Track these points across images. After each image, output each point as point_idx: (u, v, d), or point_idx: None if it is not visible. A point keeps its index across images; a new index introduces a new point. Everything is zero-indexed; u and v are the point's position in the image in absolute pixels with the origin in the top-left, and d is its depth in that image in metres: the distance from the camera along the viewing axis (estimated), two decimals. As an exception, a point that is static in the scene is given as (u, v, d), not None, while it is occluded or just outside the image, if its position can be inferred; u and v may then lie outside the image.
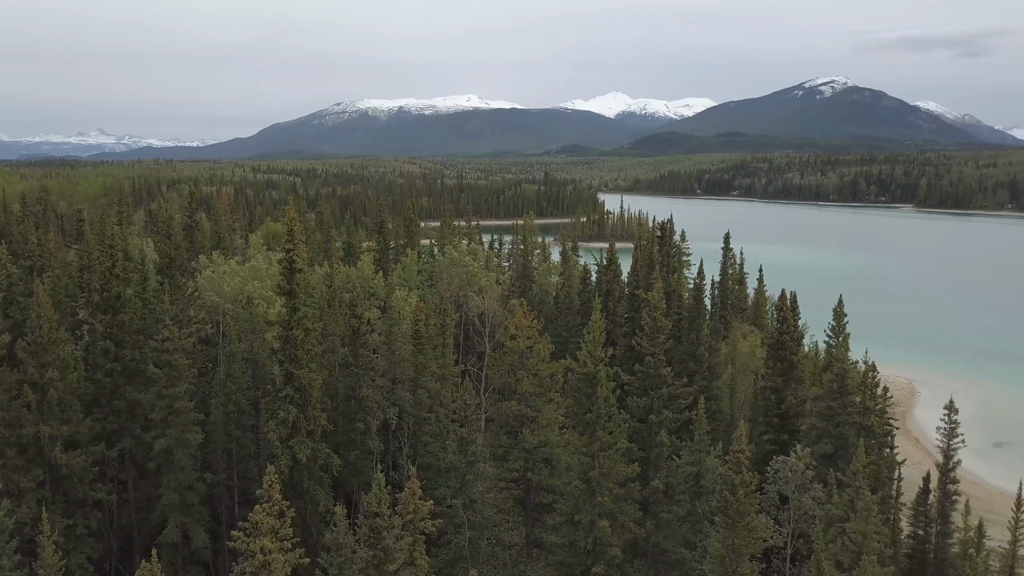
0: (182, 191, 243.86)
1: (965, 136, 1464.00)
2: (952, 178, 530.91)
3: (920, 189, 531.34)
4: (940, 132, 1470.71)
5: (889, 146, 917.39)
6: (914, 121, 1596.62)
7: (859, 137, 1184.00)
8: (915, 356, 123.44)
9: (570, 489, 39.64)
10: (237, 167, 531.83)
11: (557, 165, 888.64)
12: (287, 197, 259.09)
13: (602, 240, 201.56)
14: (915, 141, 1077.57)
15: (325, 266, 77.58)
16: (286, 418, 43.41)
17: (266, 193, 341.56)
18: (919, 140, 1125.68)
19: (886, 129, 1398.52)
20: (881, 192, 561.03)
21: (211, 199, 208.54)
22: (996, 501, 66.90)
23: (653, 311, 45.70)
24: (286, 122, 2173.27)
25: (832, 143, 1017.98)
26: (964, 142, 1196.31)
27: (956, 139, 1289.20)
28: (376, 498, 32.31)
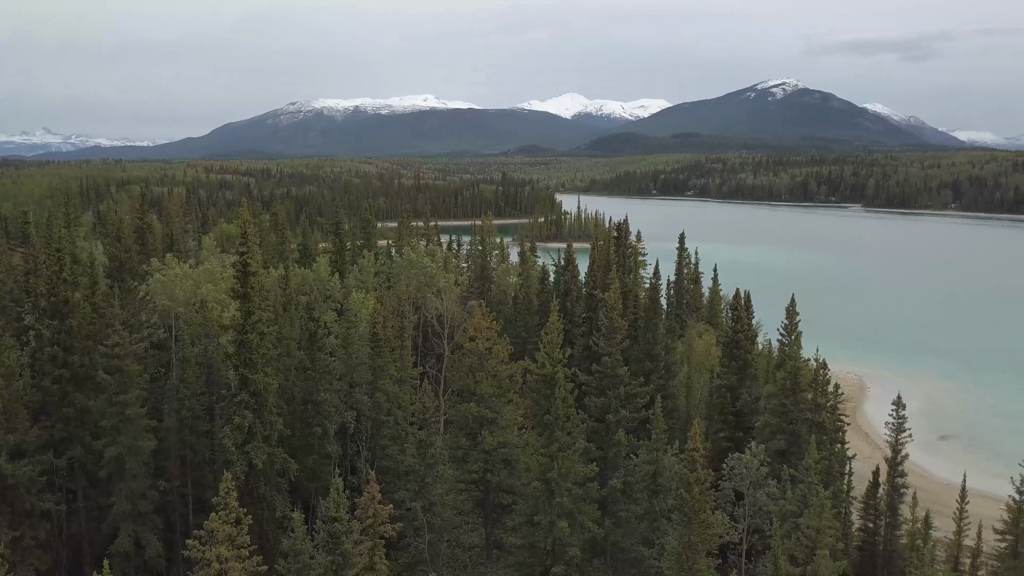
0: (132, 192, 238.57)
1: (911, 137, 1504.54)
2: (899, 179, 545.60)
3: (868, 189, 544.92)
4: (887, 133, 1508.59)
5: (838, 147, 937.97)
6: (862, 123, 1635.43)
7: (810, 138, 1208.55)
8: (864, 353, 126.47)
9: (529, 490, 39.82)
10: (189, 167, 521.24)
11: (515, 165, 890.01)
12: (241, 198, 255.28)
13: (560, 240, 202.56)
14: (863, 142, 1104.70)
15: (280, 268, 76.63)
16: (241, 423, 42.83)
17: (219, 194, 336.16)
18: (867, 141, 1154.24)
19: (835, 130, 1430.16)
20: (831, 192, 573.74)
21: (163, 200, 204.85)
22: (942, 493, 68.89)
23: (610, 312, 46.13)
24: (239, 121, 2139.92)
25: (784, 144, 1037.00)
26: (910, 143, 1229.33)
27: (902, 140, 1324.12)
28: (334, 503, 32.09)
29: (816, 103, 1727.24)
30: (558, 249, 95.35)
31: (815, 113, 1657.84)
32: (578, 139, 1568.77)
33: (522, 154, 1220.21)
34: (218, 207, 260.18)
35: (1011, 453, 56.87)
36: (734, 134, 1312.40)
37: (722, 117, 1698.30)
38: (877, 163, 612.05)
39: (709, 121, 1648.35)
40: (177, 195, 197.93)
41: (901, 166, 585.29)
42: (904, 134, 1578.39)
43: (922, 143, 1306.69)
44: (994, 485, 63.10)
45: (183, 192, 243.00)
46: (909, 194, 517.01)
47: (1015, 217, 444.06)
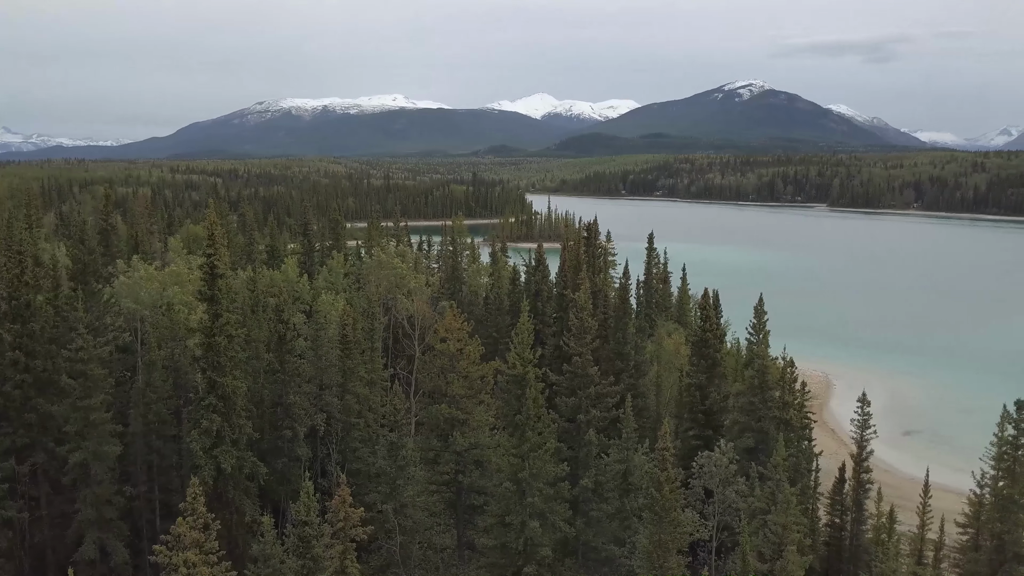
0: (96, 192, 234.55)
1: (874, 138, 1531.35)
2: (863, 179, 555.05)
3: (833, 189, 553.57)
4: (851, 134, 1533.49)
5: (804, 147, 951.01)
6: (827, 124, 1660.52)
7: (776, 139, 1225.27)
8: (830, 350, 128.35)
9: (501, 491, 39.85)
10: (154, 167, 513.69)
11: (485, 165, 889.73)
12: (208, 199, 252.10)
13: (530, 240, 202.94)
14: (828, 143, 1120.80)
15: (248, 270, 75.83)
16: (209, 427, 42.34)
17: (186, 194, 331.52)
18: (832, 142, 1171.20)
19: (801, 131, 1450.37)
20: (797, 192, 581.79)
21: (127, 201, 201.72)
22: (906, 487, 70.12)
23: (580, 312, 46.33)
24: (206, 121, 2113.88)
25: (751, 144, 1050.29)
26: (873, 144, 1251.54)
27: (866, 141, 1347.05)
28: (304, 506, 31.86)
29: (782, 104, 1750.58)
30: (529, 249, 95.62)
31: (781, 114, 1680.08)
32: (548, 139, 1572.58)
33: (492, 154, 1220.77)
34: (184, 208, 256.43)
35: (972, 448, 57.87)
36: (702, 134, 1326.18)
37: (690, 117, 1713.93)
38: (842, 163, 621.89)
39: (677, 121, 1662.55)
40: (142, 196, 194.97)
41: (865, 166, 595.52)
42: (867, 135, 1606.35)
43: (885, 143, 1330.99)
44: (956, 479, 64.39)
45: (148, 193, 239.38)
46: (873, 194, 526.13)
47: (975, 216, 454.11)
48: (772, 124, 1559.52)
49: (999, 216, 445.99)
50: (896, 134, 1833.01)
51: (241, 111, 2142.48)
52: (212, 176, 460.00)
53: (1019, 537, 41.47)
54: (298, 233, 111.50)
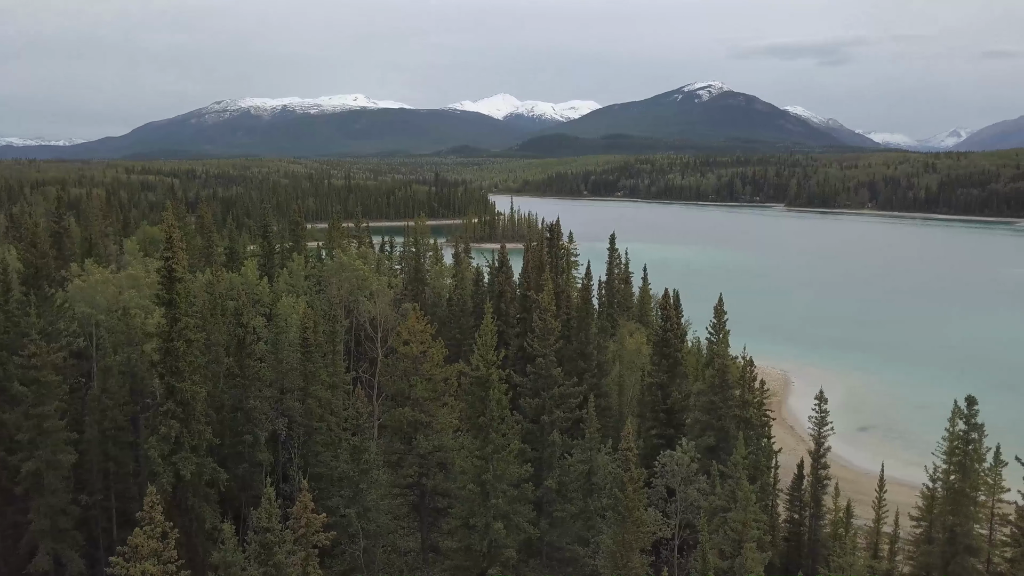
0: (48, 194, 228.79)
1: (830, 139, 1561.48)
2: (819, 179, 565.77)
3: (791, 189, 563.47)
4: (807, 135, 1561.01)
5: (762, 148, 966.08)
6: (784, 125, 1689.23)
7: (734, 139, 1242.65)
8: (789, 348, 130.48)
9: (465, 493, 39.85)
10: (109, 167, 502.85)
11: (447, 166, 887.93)
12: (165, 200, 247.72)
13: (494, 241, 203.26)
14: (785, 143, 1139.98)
15: (207, 273, 74.69)
16: (168, 433, 41.67)
17: (142, 195, 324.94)
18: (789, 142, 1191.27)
19: (759, 132, 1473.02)
20: (756, 192, 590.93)
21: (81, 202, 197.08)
22: (862, 482, 71.59)
23: (543, 313, 46.52)
24: (162, 120, 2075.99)
25: (710, 145, 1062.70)
26: (829, 145, 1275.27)
27: (822, 142, 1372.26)
28: (266, 512, 31.50)
29: (740, 105, 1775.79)
30: (492, 250, 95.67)
31: (739, 115, 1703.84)
32: (510, 140, 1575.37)
33: (455, 154, 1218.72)
34: (140, 209, 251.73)
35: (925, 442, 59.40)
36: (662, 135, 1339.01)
37: (650, 118, 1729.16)
38: (799, 164, 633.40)
39: (638, 122, 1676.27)
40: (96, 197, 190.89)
41: (821, 167, 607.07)
42: (823, 135, 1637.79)
43: (840, 144, 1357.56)
44: (910, 473, 65.95)
45: (103, 194, 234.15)
46: (829, 194, 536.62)
47: (927, 216, 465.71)
48: (731, 125, 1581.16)
49: (949, 216, 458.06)
50: (851, 135, 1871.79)
51: (199, 110, 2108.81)
52: (169, 176, 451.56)
53: (970, 529, 42.65)
54: (258, 235, 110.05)
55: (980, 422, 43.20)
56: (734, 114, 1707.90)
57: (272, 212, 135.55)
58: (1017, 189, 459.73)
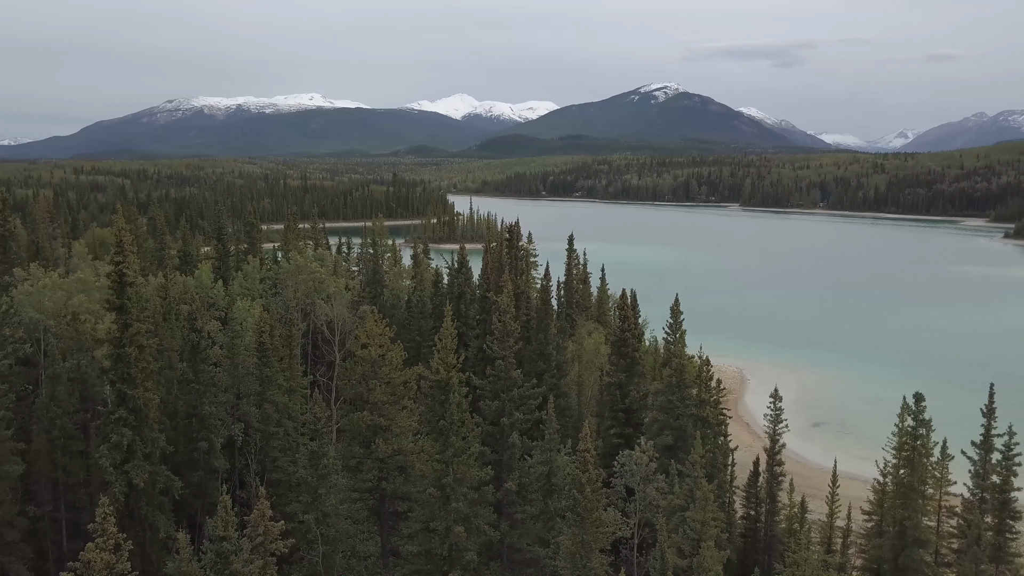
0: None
1: (782, 140, 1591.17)
2: (772, 179, 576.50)
3: (745, 189, 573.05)
4: (761, 136, 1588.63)
5: (717, 148, 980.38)
6: (738, 126, 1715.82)
7: (690, 140, 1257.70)
8: (744, 346, 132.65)
9: (425, 497, 39.70)
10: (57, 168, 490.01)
11: (405, 166, 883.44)
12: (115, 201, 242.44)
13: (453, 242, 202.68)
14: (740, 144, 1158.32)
15: (159, 276, 73.24)
16: (120, 442, 40.75)
17: (91, 196, 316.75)
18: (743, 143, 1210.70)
19: (714, 133, 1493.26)
20: (711, 192, 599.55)
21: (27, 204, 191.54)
22: (816, 477, 73.07)
23: (503, 315, 46.56)
24: (112, 120, 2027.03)
25: (666, 146, 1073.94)
26: (782, 145, 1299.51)
27: (775, 143, 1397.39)
28: (222, 520, 31.00)
29: (696, 106, 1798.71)
30: (451, 251, 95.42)
31: (695, 116, 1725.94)
32: (468, 140, 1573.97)
33: (412, 154, 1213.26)
34: (90, 210, 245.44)
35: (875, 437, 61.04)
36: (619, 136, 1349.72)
37: (607, 119, 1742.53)
38: (753, 164, 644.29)
39: (595, 123, 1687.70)
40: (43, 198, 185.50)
41: (774, 167, 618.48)
42: (776, 136, 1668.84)
43: (793, 145, 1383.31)
44: (862, 468, 67.53)
45: (50, 195, 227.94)
46: (782, 194, 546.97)
47: (876, 215, 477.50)
48: (686, 126, 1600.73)
49: (897, 215, 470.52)
50: (803, 136, 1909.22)
51: (150, 109, 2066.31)
52: (120, 177, 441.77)
53: (919, 522, 43.85)
54: (212, 236, 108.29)
55: (927, 418, 44.46)
56: (690, 115, 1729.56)
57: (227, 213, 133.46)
58: (961, 189, 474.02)
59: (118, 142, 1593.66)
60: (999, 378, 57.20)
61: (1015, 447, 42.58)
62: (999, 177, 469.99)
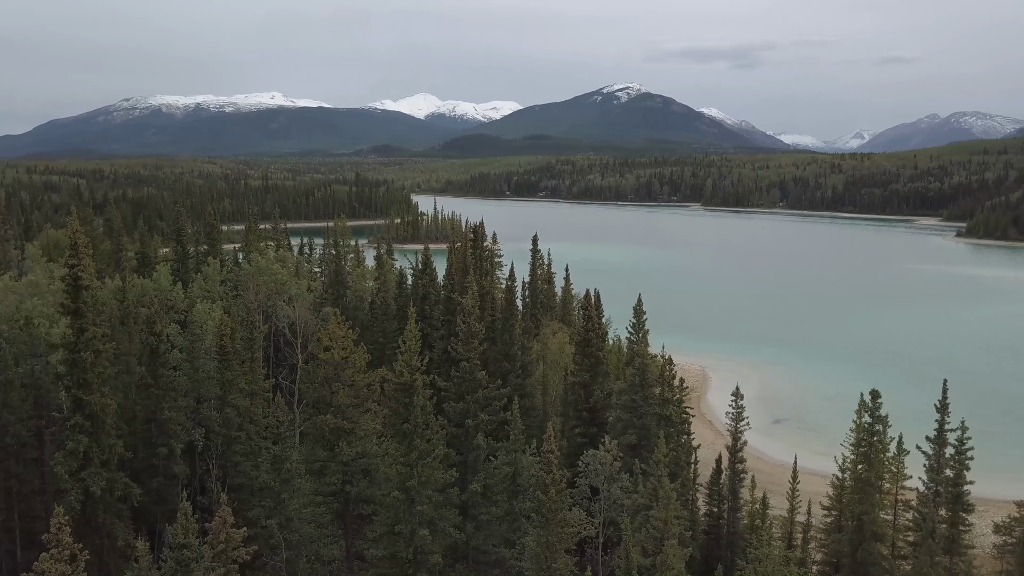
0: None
1: (743, 140, 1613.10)
2: (733, 179, 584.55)
3: (706, 189, 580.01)
4: (722, 137, 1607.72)
5: (679, 149, 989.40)
6: (699, 126, 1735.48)
7: (652, 140, 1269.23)
8: (707, 344, 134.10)
9: (389, 500, 39.49)
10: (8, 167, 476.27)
11: (368, 165, 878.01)
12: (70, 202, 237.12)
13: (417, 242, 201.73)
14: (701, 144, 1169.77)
15: (116, 279, 71.81)
16: (76, 448, 39.88)
17: (45, 196, 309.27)
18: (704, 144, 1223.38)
19: (675, 133, 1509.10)
20: (673, 192, 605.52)
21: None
22: (777, 474, 74.19)
23: (468, 317, 46.49)
24: (67, 118, 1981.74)
25: (628, 146, 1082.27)
26: (742, 146, 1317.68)
27: (735, 143, 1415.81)
28: (182, 528, 30.52)
29: (657, 107, 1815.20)
30: (415, 251, 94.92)
31: (657, 116, 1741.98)
32: (432, 139, 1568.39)
33: (376, 154, 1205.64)
34: (44, 211, 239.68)
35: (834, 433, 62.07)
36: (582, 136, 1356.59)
37: (570, 119, 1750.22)
38: (714, 164, 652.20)
39: (558, 123, 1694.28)
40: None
41: (735, 167, 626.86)
42: (737, 137, 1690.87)
43: (753, 145, 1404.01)
44: (821, 463, 68.66)
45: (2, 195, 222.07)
46: (742, 193, 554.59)
47: (834, 214, 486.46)
48: (648, 126, 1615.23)
49: (854, 214, 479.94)
50: (763, 136, 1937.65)
51: (106, 108, 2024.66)
52: (74, 177, 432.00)
53: (876, 517, 44.75)
54: (171, 238, 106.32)
55: (884, 414, 45.37)
56: (652, 115, 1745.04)
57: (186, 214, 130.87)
58: (915, 189, 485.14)
59: (73, 141, 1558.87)
60: (952, 374, 58.56)
61: (967, 442, 43.68)
62: (951, 177, 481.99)
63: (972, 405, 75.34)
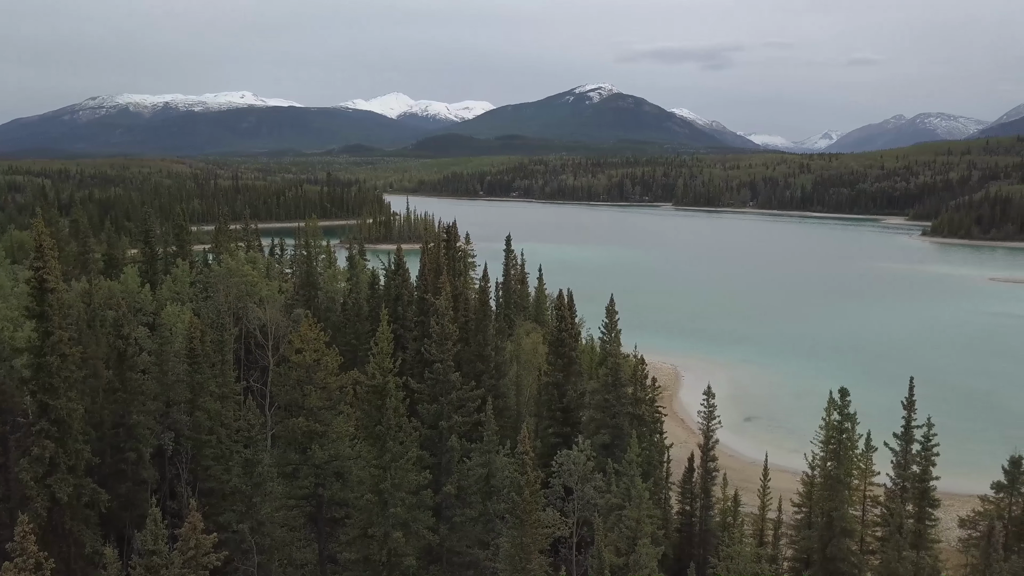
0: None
1: (713, 140, 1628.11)
2: (704, 179, 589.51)
3: (678, 189, 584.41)
4: (693, 137, 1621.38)
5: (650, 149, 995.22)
6: (671, 127, 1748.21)
7: (624, 140, 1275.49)
8: (679, 343, 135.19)
9: (362, 503, 39.29)
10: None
11: (340, 165, 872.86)
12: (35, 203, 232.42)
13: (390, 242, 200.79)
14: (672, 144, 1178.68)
15: (83, 281, 70.61)
16: (41, 455, 39.11)
17: (8, 197, 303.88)
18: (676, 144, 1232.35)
19: (647, 133, 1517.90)
20: (645, 192, 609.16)
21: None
22: (748, 471, 74.92)
23: (441, 318, 46.40)
24: (31, 117, 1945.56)
25: (601, 146, 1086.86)
26: (712, 146, 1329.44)
27: (706, 143, 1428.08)
28: (151, 534, 30.13)
29: (629, 107, 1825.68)
30: (388, 251, 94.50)
31: (629, 116, 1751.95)
32: (404, 139, 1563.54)
33: (347, 153, 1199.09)
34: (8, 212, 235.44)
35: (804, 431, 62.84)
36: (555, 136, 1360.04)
37: (543, 119, 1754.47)
38: (685, 164, 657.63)
39: (531, 123, 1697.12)
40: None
41: (706, 167, 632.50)
42: (708, 137, 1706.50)
43: (723, 145, 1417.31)
44: (792, 460, 69.60)
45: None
46: (713, 193, 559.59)
47: (803, 214, 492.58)
48: (620, 126, 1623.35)
49: (823, 213, 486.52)
50: (733, 136, 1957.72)
51: (71, 107, 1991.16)
52: (39, 177, 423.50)
53: (845, 513, 45.40)
54: (139, 239, 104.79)
55: (852, 411, 46.04)
56: (624, 116, 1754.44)
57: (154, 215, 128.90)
58: (882, 189, 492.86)
59: (37, 141, 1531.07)
60: (918, 371, 59.65)
61: (933, 438, 44.48)
62: (917, 177, 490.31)
63: (938, 402, 76.80)
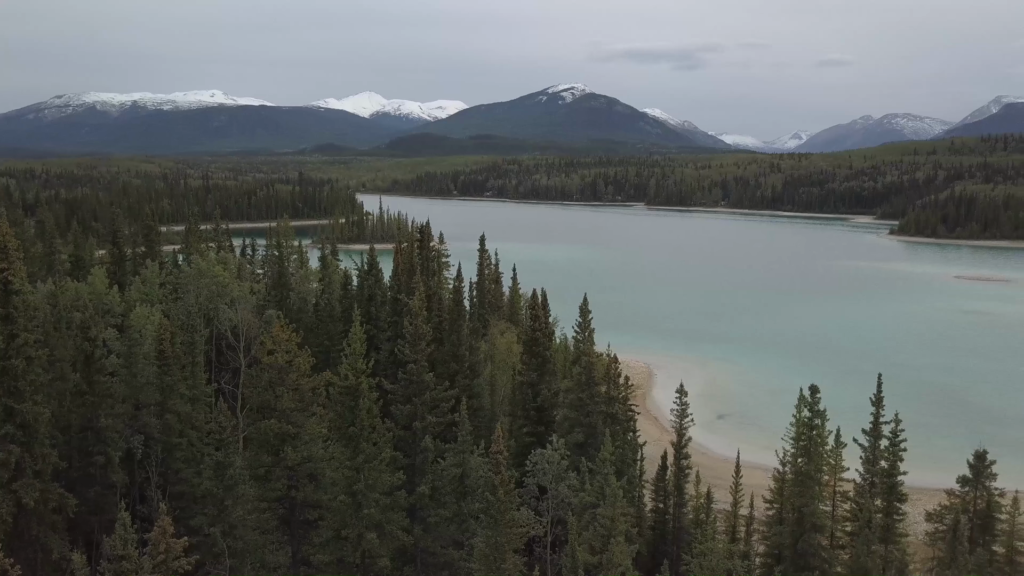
0: None
1: (685, 140, 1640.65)
2: (676, 179, 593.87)
3: (650, 189, 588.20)
4: (665, 137, 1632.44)
5: (623, 149, 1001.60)
6: (643, 127, 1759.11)
7: (597, 140, 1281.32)
8: (652, 341, 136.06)
9: (336, 504, 39.09)
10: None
11: (312, 164, 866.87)
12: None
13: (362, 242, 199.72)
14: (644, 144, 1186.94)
15: (49, 283, 69.46)
16: (7, 459, 38.49)
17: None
18: (648, 144, 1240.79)
19: (620, 133, 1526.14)
20: (618, 192, 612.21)
21: None
22: (720, 468, 75.53)
23: (414, 319, 46.27)
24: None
25: (574, 146, 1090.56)
26: (685, 146, 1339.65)
27: (678, 143, 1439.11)
28: (120, 539, 29.66)
29: (602, 107, 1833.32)
30: (361, 251, 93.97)
31: (601, 116, 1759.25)
32: (377, 138, 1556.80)
33: (319, 153, 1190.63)
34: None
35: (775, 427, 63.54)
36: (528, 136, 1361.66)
37: (516, 119, 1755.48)
38: (657, 164, 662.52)
39: (504, 123, 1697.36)
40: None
41: (678, 167, 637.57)
42: (680, 137, 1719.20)
43: (695, 145, 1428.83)
44: (763, 457, 70.25)
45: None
46: (685, 192, 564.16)
47: (773, 213, 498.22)
48: (593, 126, 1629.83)
49: (793, 212, 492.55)
50: (704, 137, 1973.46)
51: (36, 105, 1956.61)
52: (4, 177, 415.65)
53: (815, 509, 45.97)
54: (107, 240, 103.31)
55: (822, 408, 46.60)
56: (596, 116, 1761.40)
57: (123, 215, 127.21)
58: (850, 188, 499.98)
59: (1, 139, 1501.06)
60: (886, 367, 60.56)
61: (901, 433, 45.16)
62: (884, 177, 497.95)
63: (905, 398, 78.07)
